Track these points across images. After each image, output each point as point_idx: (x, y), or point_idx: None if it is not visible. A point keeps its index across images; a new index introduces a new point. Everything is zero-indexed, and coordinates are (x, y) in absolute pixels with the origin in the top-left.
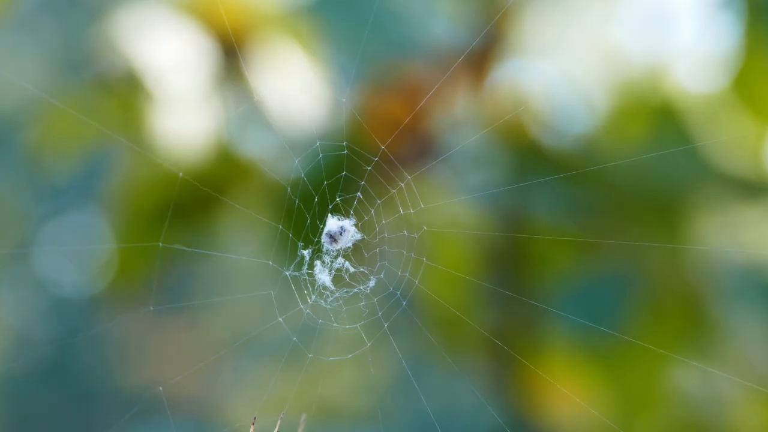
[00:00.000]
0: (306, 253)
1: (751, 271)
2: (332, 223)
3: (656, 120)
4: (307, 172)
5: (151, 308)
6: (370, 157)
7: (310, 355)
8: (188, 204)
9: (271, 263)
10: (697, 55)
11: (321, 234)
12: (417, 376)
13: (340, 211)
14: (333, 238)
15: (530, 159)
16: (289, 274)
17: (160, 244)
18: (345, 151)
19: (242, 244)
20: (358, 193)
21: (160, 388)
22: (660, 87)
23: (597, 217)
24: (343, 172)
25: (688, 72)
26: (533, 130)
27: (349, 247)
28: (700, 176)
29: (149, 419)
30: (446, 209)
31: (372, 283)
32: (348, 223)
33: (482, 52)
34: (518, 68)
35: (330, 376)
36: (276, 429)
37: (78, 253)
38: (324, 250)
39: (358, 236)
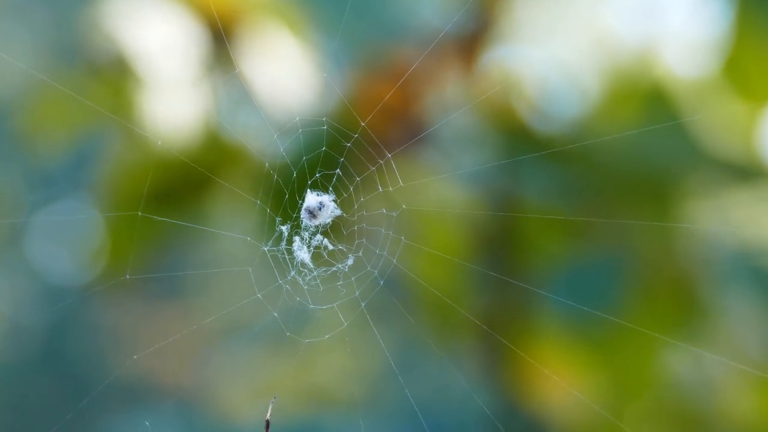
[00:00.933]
0: (284, 228)
1: (743, 255)
2: (311, 198)
3: (647, 104)
4: (289, 150)
5: (127, 276)
6: (359, 141)
7: (288, 334)
8: (177, 187)
9: (249, 239)
10: (688, 39)
11: (300, 210)
12: (396, 357)
13: (320, 189)
14: (312, 213)
15: (521, 143)
16: (267, 250)
17: (139, 213)
18: (325, 127)
19: (229, 227)
20: (338, 170)
21: (135, 357)
22: (651, 71)
23: (588, 201)
24: (323, 148)
25: (679, 56)
26: (524, 114)
27: (328, 223)
28: (691, 160)
29: (131, 401)
30: (436, 193)
31: (350, 261)
32: (327, 199)
33: (473, 37)
34: (509, 52)
35: (310, 355)
36: (269, 413)
37: (70, 238)
38: (303, 226)
39: (338, 212)
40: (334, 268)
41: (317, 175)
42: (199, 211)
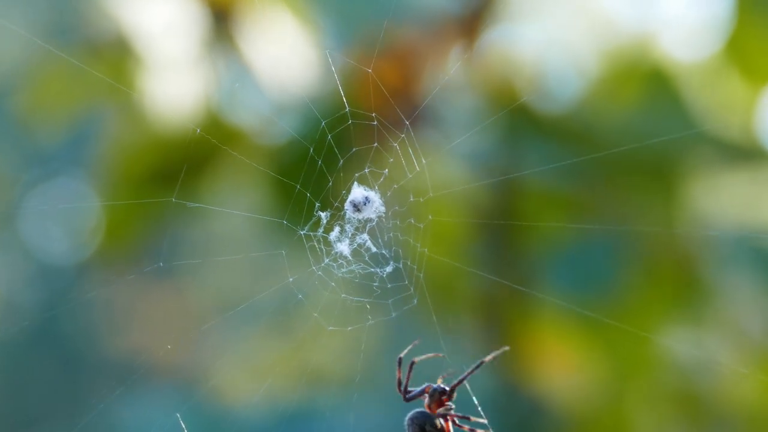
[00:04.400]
0: (323, 215)
1: (743, 236)
2: (357, 192)
3: (648, 85)
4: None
5: (161, 264)
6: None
7: (330, 328)
8: (179, 168)
9: (285, 222)
10: (689, 19)
11: (346, 201)
12: (404, 337)
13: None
14: (356, 207)
15: (522, 123)
16: (303, 234)
17: (174, 200)
18: (374, 123)
19: (233, 206)
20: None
21: (169, 347)
22: (652, 52)
23: (589, 182)
24: (374, 143)
25: (680, 36)
26: (525, 94)
27: (371, 219)
28: (691, 141)
29: (148, 385)
30: (437, 173)
31: (390, 269)
32: (373, 195)
33: (473, 16)
34: (509, 33)
35: (322, 337)
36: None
37: (66, 218)
38: (346, 218)
39: (382, 209)
40: (372, 269)
41: (366, 170)
42: (205, 194)
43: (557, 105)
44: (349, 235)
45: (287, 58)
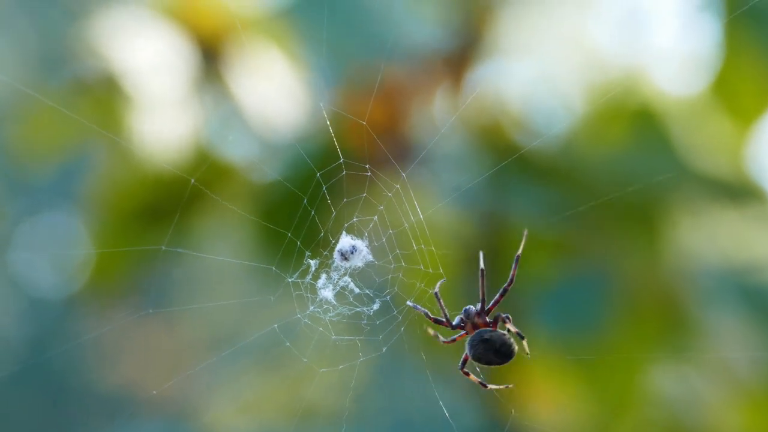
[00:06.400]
0: (313, 263)
1: (729, 273)
2: (345, 241)
3: (635, 122)
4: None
5: (151, 311)
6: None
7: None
8: (168, 206)
9: (274, 269)
10: (677, 57)
11: (333, 251)
12: (395, 378)
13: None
14: (344, 256)
15: (510, 162)
16: (291, 282)
17: (163, 247)
18: (368, 173)
19: (217, 245)
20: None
21: (154, 392)
22: (639, 89)
23: (575, 220)
24: (363, 194)
25: (667, 74)
26: (512, 132)
27: (358, 267)
28: (679, 179)
29: (134, 422)
30: (424, 212)
31: (376, 306)
32: (360, 243)
33: (461, 54)
34: (497, 70)
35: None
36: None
37: (55, 252)
38: (333, 266)
39: (370, 257)
40: (358, 309)
41: (354, 219)
42: (194, 233)
43: (545, 143)
44: (334, 281)
45: (276, 97)
